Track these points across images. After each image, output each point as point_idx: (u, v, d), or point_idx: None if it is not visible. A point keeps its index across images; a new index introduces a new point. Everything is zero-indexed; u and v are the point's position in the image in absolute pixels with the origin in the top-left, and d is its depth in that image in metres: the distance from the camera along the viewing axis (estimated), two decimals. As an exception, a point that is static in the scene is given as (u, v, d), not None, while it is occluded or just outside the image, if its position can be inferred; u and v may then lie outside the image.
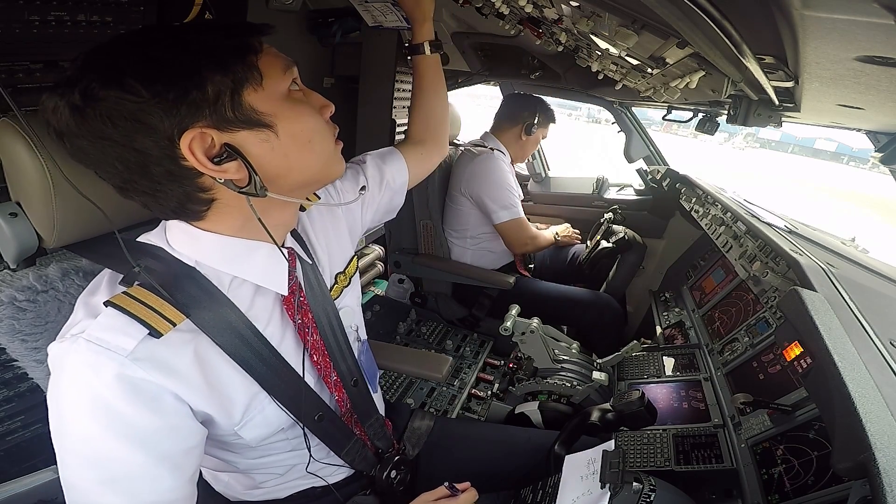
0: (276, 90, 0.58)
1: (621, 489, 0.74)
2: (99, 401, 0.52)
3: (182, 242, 0.62)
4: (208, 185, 0.58)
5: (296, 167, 0.62)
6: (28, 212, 0.65)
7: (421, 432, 1.03)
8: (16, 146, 0.60)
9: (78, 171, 0.63)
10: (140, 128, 0.52)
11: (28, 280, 0.65)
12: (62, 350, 0.53)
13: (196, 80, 0.52)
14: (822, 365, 0.67)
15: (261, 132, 0.57)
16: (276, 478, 0.79)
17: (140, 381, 0.53)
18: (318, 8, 2.24)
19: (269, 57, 0.58)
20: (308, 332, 0.73)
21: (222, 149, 0.55)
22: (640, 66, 0.91)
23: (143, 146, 0.53)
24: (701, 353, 1.38)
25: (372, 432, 0.85)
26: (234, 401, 0.63)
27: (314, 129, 0.62)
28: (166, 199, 0.58)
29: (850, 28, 0.36)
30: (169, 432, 0.56)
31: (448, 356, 1.25)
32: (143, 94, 0.50)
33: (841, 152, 51.18)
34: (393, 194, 0.98)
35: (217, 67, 0.53)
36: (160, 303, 0.56)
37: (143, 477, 0.54)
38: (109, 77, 0.50)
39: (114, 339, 0.52)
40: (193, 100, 0.52)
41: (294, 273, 0.71)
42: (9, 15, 1.16)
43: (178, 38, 0.53)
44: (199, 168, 0.54)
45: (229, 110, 0.54)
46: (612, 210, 2.07)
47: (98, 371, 0.51)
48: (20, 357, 0.66)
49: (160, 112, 0.51)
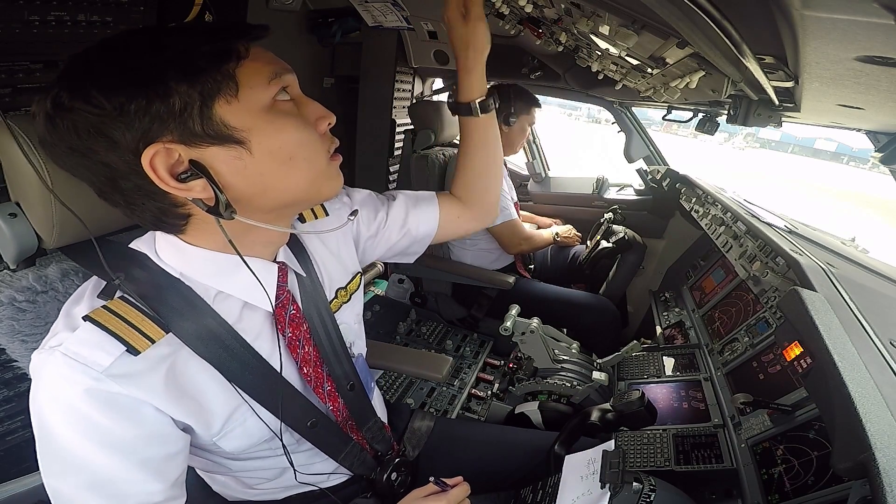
0: (255, 102, 0.53)
1: (621, 489, 0.74)
2: (75, 411, 0.51)
3: (168, 253, 0.60)
4: (181, 200, 0.55)
5: (274, 187, 0.57)
6: (27, 212, 0.65)
7: (421, 433, 1.02)
8: (15, 146, 0.60)
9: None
10: (103, 141, 0.49)
11: (28, 280, 0.65)
12: (40, 360, 0.52)
13: (161, 91, 0.48)
14: (822, 365, 0.67)
15: (232, 148, 0.53)
16: (266, 482, 0.78)
17: (116, 395, 0.52)
18: (318, 8, 2.24)
19: (253, 64, 0.53)
20: (300, 344, 0.71)
21: (188, 168, 0.51)
22: (640, 66, 0.91)
23: (108, 160, 0.50)
24: (701, 353, 1.38)
25: (370, 436, 0.84)
26: (213, 413, 0.62)
27: (298, 144, 0.56)
28: (142, 212, 0.56)
29: (850, 28, 0.36)
30: (149, 440, 0.55)
31: (448, 356, 1.25)
32: (105, 106, 0.47)
33: (841, 152, 51.20)
34: (412, 242, 0.92)
35: (185, 77, 0.49)
36: (140, 318, 0.55)
37: (126, 481, 0.54)
38: (76, 87, 0.48)
39: (90, 354, 0.51)
40: (157, 112, 0.48)
41: (286, 287, 0.69)
42: (9, 15, 1.16)
43: (155, 42, 0.50)
44: (159, 185, 0.51)
45: (197, 124, 0.50)
46: (612, 210, 2.07)
47: (72, 384, 0.51)
48: (20, 357, 0.66)
49: (122, 125, 0.48)
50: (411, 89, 2.68)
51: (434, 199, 0.93)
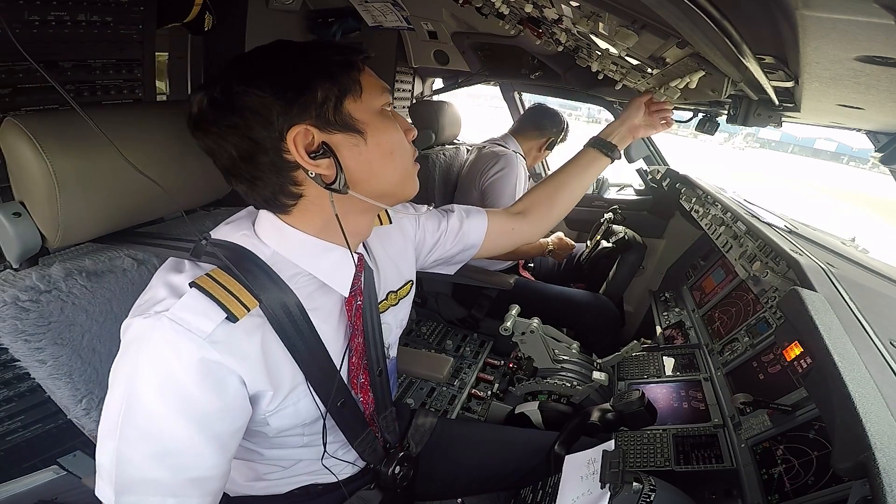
0: (372, 104, 0.66)
1: (621, 489, 0.74)
2: (172, 379, 0.56)
3: (268, 232, 0.68)
4: (300, 179, 0.65)
5: (377, 174, 0.68)
6: (32, 211, 0.65)
7: (425, 429, 1.04)
8: (20, 146, 0.61)
9: (83, 172, 0.63)
10: (260, 119, 0.60)
11: (31, 280, 0.65)
12: (147, 325, 0.56)
13: (309, 86, 0.61)
14: (822, 365, 0.67)
15: (353, 137, 0.65)
16: (280, 470, 0.80)
17: (213, 363, 0.57)
18: (318, 8, 2.24)
19: (369, 76, 0.67)
20: (356, 334, 0.77)
21: (319, 146, 0.63)
22: (640, 66, 0.91)
23: (258, 136, 0.61)
24: (701, 353, 1.38)
25: (384, 424, 0.88)
26: (281, 387, 0.66)
27: (398, 143, 0.69)
28: (263, 187, 0.65)
29: (850, 28, 0.36)
30: (225, 413, 0.60)
31: (448, 356, 1.25)
32: (268, 91, 0.60)
33: (841, 152, 51.17)
34: (462, 249, 1.01)
35: (327, 77, 0.62)
36: (238, 287, 0.61)
37: (192, 453, 0.58)
38: (245, 77, 0.60)
39: (195, 320, 0.57)
40: (304, 102, 0.61)
41: (359, 279, 0.76)
42: (9, 15, 1.16)
43: (302, 51, 0.63)
44: (297, 159, 0.62)
45: (331, 114, 0.63)
46: (612, 210, 2.07)
47: (178, 351, 0.56)
48: (23, 357, 0.66)
49: (278, 108, 0.60)
50: (411, 89, 2.68)
51: (483, 212, 1.03)
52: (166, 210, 0.83)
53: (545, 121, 2.10)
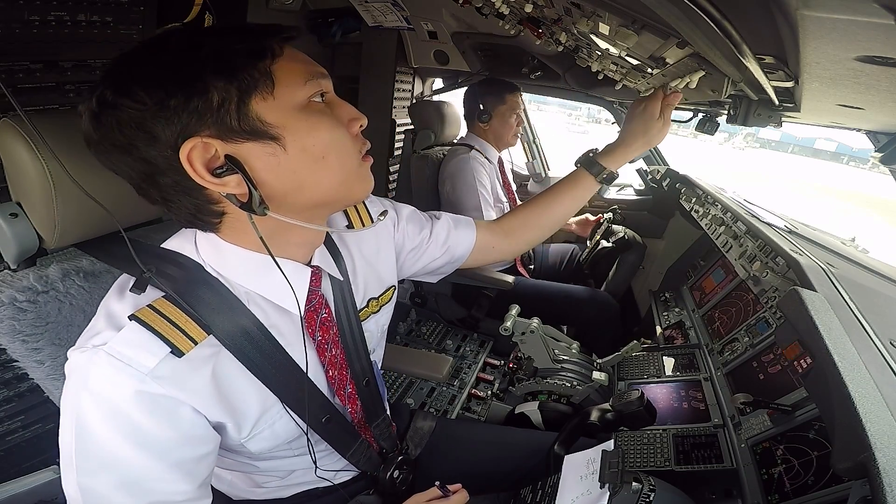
0: (291, 100, 0.54)
1: (621, 489, 0.74)
2: (117, 412, 0.52)
3: (207, 251, 0.62)
4: (216, 198, 0.56)
5: (307, 185, 0.57)
6: (28, 212, 0.65)
7: (423, 432, 1.03)
8: (17, 146, 0.60)
9: (82, 172, 0.63)
10: (144, 136, 0.50)
11: (28, 280, 0.65)
12: (83, 360, 0.52)
13: (199, 87, 0.50)
14: (822, 365, 0.67)
15: (267, 145, 0.53)
16: (277, 480, 0.79)
17: (159, 396, 0.53)
18: (318, 8, 2.24)
19: (289, 64, 0.54)
20: (328, 347, 0.72)
21: (225, 160, 0.52)
22: (640, 66, 0.91)
23: (148, 156, 0.52)
24: (701, 353, 1.37)
25: (378, 432, 0.85)
26: (246, 415, 0.63)
27: (331, 143, 0.57)
28: (178, 209, 0.57)
29: (850, 28, 0.36)
30: (184, 441, 0.57)
31: (448, 356, 1.25)
32: (146, 101, 0.49)
33: (841, 152, 51.16)
34: (448, 261, 0.95)
35: (222, 74, 0.50)
36: (184, 319, 0.56)
37: (157, 480, 0.55)
38: (120, 85, 0.50)
39: (135, 355, 0.52)
40: (195, 108, 0.50)
41: (318, 291, 0.70)
42: (9, 15, 1.16)
43: (193, 41, 0.51)
44: (195, 179, 0.52)
45: (234, 119, 0.51)
46: (612, 210, 2.07)
47: (118, 386, 0.52)
48: (20, 357, 0.66)
49: (162, 120, 0.50)
50: (411, 89, 2.68)
51: (472, 224, 0.96)
52: (164, 210, 0.82)
53: (467, 104, 2.03)
